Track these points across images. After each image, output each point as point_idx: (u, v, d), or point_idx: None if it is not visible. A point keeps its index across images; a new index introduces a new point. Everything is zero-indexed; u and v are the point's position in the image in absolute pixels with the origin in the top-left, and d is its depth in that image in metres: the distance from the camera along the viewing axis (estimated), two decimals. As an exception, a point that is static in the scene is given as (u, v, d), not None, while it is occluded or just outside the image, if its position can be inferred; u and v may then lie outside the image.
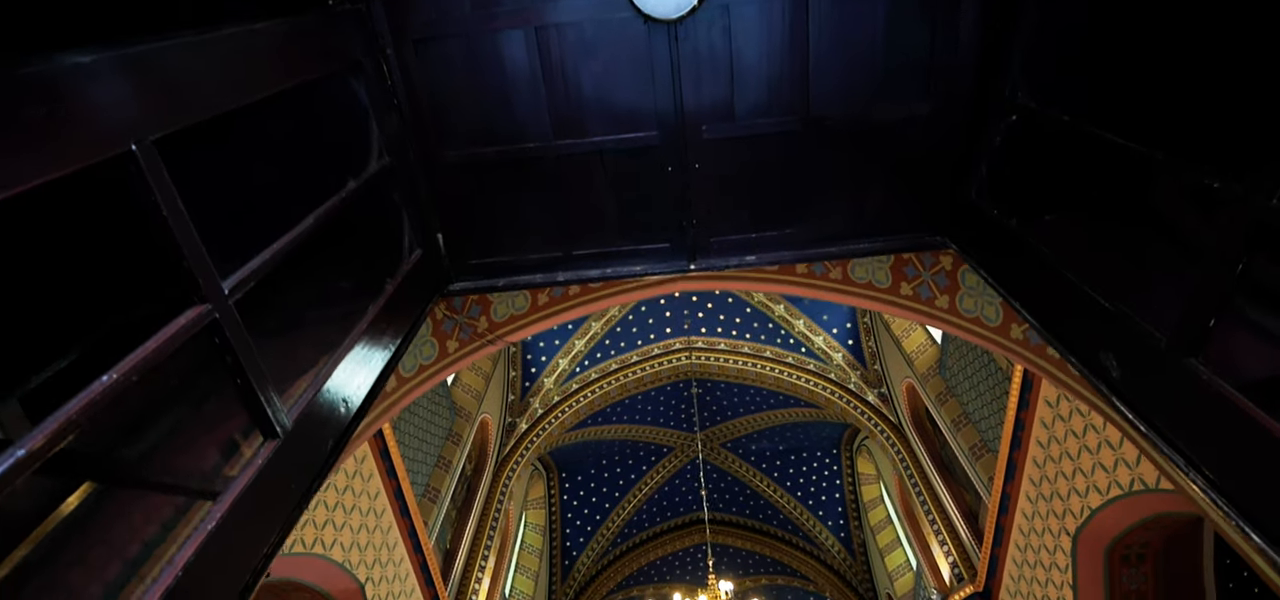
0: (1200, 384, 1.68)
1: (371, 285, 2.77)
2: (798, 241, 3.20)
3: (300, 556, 6.42)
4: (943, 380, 9.86)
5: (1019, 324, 4.40)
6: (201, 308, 1.65)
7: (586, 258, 3.23)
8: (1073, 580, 7.18)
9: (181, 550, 1.53)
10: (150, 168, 1.51)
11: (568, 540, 15.45)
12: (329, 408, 2.18)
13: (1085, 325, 2.16)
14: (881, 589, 14.27)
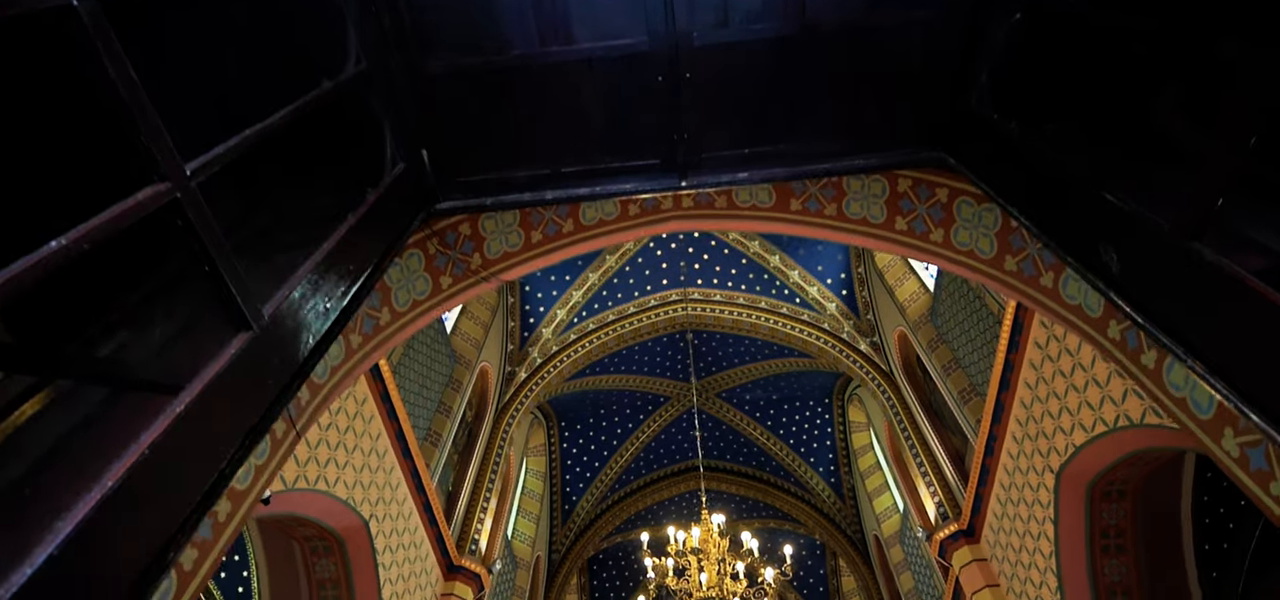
0: (1204, 267, 1.58)
1: (354, 199, 2.65)
2: (791, 158, 3.06)
3: (304, 492, 6.40)
4: (934, 328, 9.80)
5: (1013, 256, 4.29)
6: (161, 186, 1.53)
7: (575, 175, 3.09)
8: (1054, 515, 7.20)
9: (132, 448, 1.43)
10: (96, 28, 1.38)
11: (568, 486, 15.57)
12: (307, 309, 2.08)
13: (1084, 224, 2.05)
14: (869, 531, 14.43)
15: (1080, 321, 3.95)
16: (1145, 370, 3.59)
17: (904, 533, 12.79)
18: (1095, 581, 7.13)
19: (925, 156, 3.03)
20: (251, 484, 3.59)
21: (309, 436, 6.43)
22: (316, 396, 4.16)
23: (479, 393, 11.40)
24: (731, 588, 6.24)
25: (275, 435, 3.79)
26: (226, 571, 8.63)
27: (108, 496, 1.33)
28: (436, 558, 9.31)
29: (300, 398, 4.02)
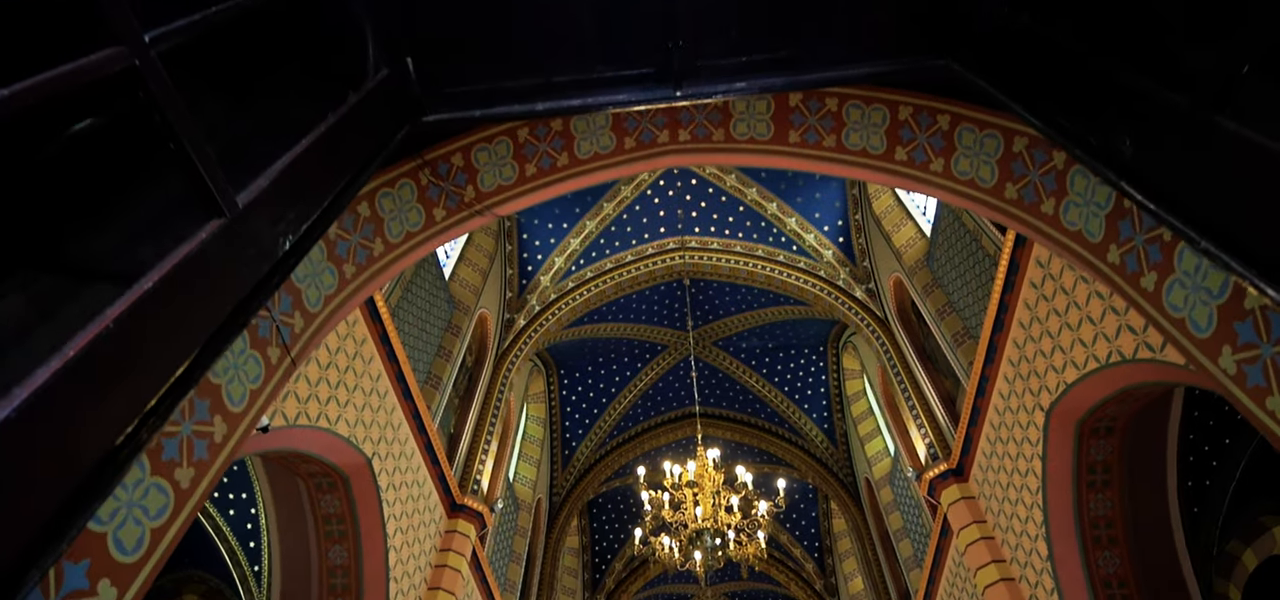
0: (1224, 139, 1.47)
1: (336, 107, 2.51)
2: (790, 66, 2.90)
3: (306, 428, 6.37)
4: (929, 272, 9.70)
5: (1014, 183, 4.16)
6: (116, 49, 1.40)
7: (567, 86, 2.93)
8: (1043, 453, 7.22)
9: (94, 323, 1.33)
10: None
11: (567, 432, 15.67)
12: (285, 204, 1.97)
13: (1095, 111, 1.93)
14: (860, 474, 14.58)
15: (1080, 247, 3.84)
16: (1144, 293, 3.50)
17: (894, 475, 12.92)
18: (1080, 516, 7.18)
19: (930, 64, 2.88)
20: (247, 407, 3.52)
21: (309, 374, 6.38)
22: (311, 325, 4.07)
23: (478, 339, 11.36)
24: (726, 520, 6.27)
25: (270, 361, 3.72)
26: (235, 509, 8.70)
27: (68, 367, 1.24)
28: (439, 496, 9.38)
29: (295, 326, 3.94)
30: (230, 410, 3.42)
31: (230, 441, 3.41)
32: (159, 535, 2.95)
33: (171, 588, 9.96)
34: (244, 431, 3.52)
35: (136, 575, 2.84)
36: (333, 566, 7.89)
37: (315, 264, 4.04)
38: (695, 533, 6.12)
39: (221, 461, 3.36)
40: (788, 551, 18.59)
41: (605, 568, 18.88)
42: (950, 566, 9.99)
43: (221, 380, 3.34)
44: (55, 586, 2.49)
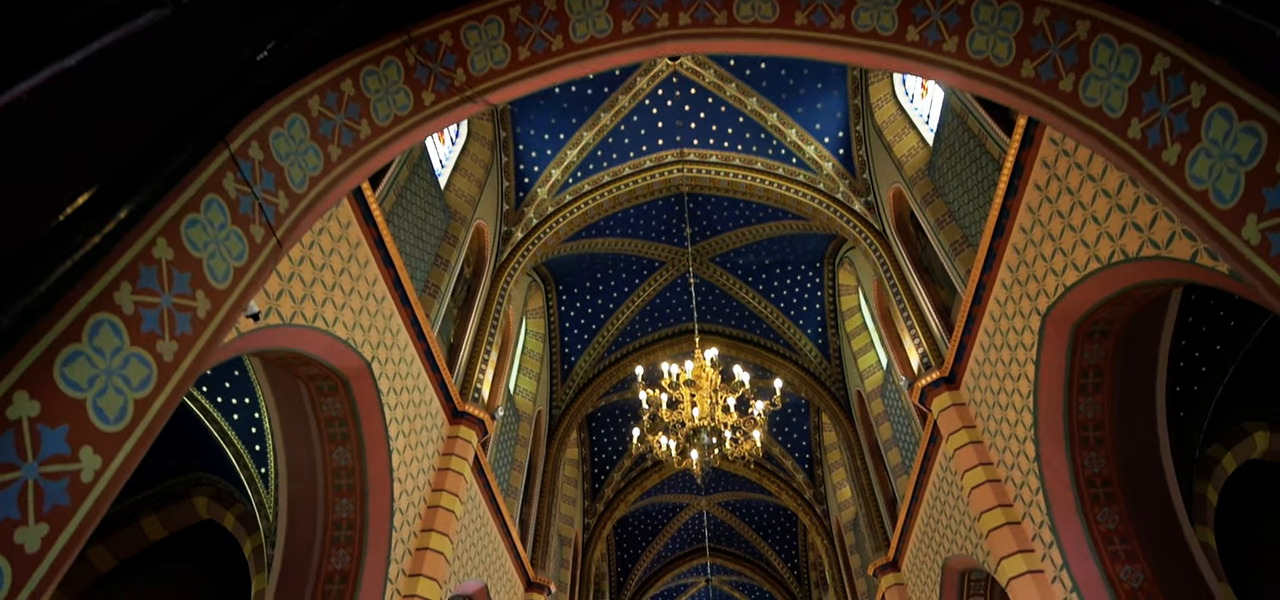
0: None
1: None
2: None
3: (302, 328, 6.25)
4: (930, 182, 9.43)
5: (1032, 59, 3.88)
6: None
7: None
8: (1036, 357, 7.15)
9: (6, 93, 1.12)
10: None
11: (566, 346, 15.68)
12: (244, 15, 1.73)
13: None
14: (852, 388, 14.69)
15: (1099, 124, 3.60)
16: (1166, 168, 3.29)
17: (885, 387, 12.99)
18: (1070, 418, 7.18)
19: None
20: (231, 285, 3.34)
21: (303, 274, 6.20)
22: (297, 207, 3.86)
23: (475, 250, 11.15)
24: (723, 419, 6.25)
25: (254, 240, 3.52)
26: (239, 414, 8.68)
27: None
28: (441, 403, 9.38)
29: (279, 206, 3.72)
30: (213, 287, 3.24)
31: (215, 319, 3.25)
32: (143, 406, 2.83)
33: (181, 489, 10.10)
34: (230, 311, 3.35)
35: (121, 445, 2.72)
36: (337, 467, 7.93)
37: (298, 142, 3.79)
38: (693, 431, 6.10)
39: (207, 338, 3.21)
40: (779, 463, 18.98)
41: (604, 478, 19.30)
42: (937, 472, 10.14)
43: (201, 254, 3.15)
44: (32, 450, 2.37)
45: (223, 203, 3.29)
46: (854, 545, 16.67)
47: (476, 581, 10.64)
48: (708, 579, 24.64)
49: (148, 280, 2.84)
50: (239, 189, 3.39)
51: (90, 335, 2.59)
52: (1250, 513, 9.77)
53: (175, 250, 3.00)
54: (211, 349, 3.29)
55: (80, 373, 2.55)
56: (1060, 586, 7.26)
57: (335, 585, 7.85)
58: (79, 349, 2.55)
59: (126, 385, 2.75)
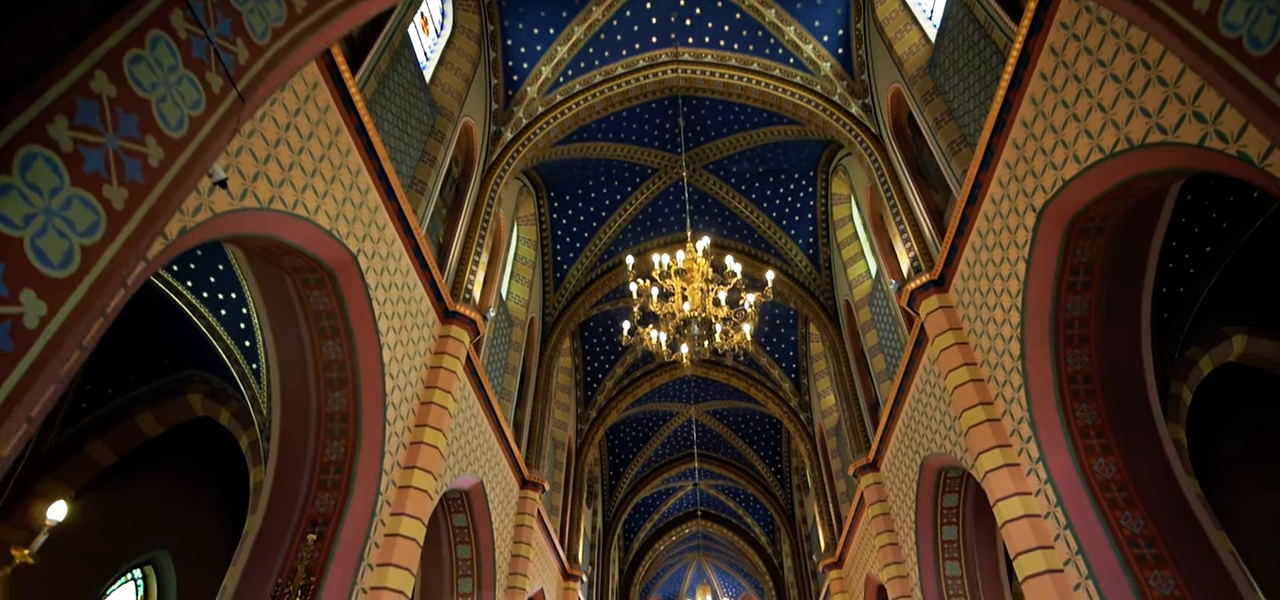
0: None
1: None
2: None
3: (282, 214, 5.95)
4: (931, 80, 9.01)
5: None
6: None
7: None
8: (1028, 255, 6.99)
9: None
10: None
11: (558, 254, 15.43)
12: None
13: None
14: (840, 297, 14.63)
15: None
16: (1196, 18, 2.99)
17: (873, 295, 12.92)
18: (1057, 316, 7.09)
19: None
20: (187, 135, 3.05)
21: (280, 157, 5.86)
22: (258, 60, 3.51)
23: (464, 150, 10.71)
24: (713, 311, 6.10)
25: (211, 89, 3.20)
26: (226, 310, 8.47)
27: None
28: (432, 302, 9.20)
29: (238, 56, 3.37)
30: (166, 134, 2.94)
31: (171, 170, 2.97)
32: (92, 255, 2.59)
33: (175, 386, 10.02)
34: (189, 163, 3.07)
35: (70, 293, 2.50)
36: (328, 362, 7.81)
37: (255, -14, 3.40)
38: (683, 322, 5.96)
39: (163, 191, 2.94)
40: (767, 372, 19.18)
41: (597, 386, 19.50)
42: (921, 375, 10.18)
43: (149, 95, 2.84)
44: (-34, 288, 2.16)
45: (171, 42, 2.95)
46: (836, 450, 17.06)
47: (472, 477, 10.78)
48: (695, 483, 25.43)
49: (87, 115, 2.55)
50: (190, 29, 3.04)
51: (21, 168, 2.33)
52: (1219, 412, 9.94)
53: (118, 87, 2.69)
54: (170, 204, 3.03)
55: (13, 208, 2.30)
56: (1034, 478, 7.37)
57: (331, 475, 7.88)
58: (10, 182, 2.29)
59: (70, 229, 2.51)
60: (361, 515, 7.66)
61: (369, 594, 7.53)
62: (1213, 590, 6.28)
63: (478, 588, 11.76)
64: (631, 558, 27.38)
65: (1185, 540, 6.56)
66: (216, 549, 12.28)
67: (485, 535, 11.66)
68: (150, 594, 12.81)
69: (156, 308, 9.48)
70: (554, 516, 16.54)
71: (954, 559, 10.92)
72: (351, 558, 7.40)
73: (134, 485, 11.68)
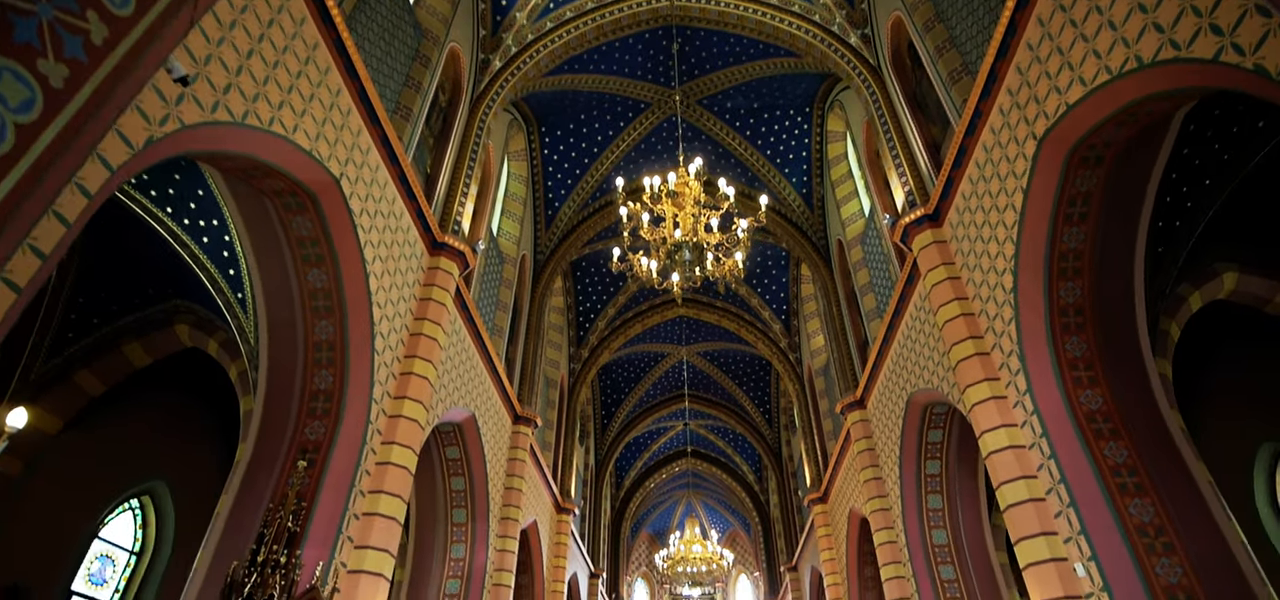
0: None
1: None
2: None
3: (258, 131, 5.65)
4: (932, 6, 8.62)
5: None
6: None
7: None
8: (1026, 185, 6.80)
9: None
10: None
11: (550, 191, 15.09)
12: None
13: None
14: (833, 236, 14.44)
15: None
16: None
17: (866, 234, 12.74)
18: (1052, 248, 6.95)
19: None
20: (134, 15, 2.77)
21: (254, 70, 5.52)
22: (213, -60, 3.18)
23: (451, 77, 10.27)
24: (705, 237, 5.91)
25: (159, -33, 2.89)
26: (208, 236, 8.19)
27: None
28: (419, 232, 8.95)
29: (189, -68, 3.05)
30: (110, 11, 2.67)
31: (116, 52, 2.70)
32: (29, 134, 2.35)
33: (162, 317, 9.82)
34: (136, 46, 2.80)
35: (5, 174, 2.27)
36: (314, 290, 7.61)
37: None
38: (674, 247, 5.77)
39: (108, 73, 2.67)
40: (757, 313, 19.13)
41: (589, 326, 19.42)
42: (911, 311, 10.10)
43: (86, -36, 2.55)
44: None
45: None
46: (824, 390, 17.16)
47: (464, 410, 10.74)
48: (686, 423, 25.71)
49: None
50: (130, -106, 2.73)
51: (-63, 28, 2.07)
52: (1204, 349, 9.96)
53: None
54: (119, 92, 2.77)
55: (-70, 72, 2.05)
56: (1021, 410, 7.36)
57: (320, 404, 7.77)
58: (-77, 42, 2.04)
59: (3, 105, 2.26)
60: (352, 443, 7.59)
61: (361, 519, 7.53)
62: (1190, 518, 6.34)
63: (472, 518, 11.88)
64: (623, 494, 27.91)
65: (1166, 470, 6.59)
66: (212, 479, 12.30)
67: (478, 468, 11.72)
68: (149, 523, 12.90)
69: (138, 236, 9.20)
70: (547, 452, 16.68)
71: (936, 492, 11.07)
72: (343, 484, 7.36)
73: (127, 417, 11.60)
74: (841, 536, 15.07)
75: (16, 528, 10.08)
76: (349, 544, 7.28)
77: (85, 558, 11.76)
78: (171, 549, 12.58)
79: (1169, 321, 8.38)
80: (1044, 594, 6.64)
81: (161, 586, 11.99)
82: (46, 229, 3.92)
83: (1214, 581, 5.98)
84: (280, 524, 6.93)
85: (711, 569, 16.48)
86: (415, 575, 11.37)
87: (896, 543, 11.61)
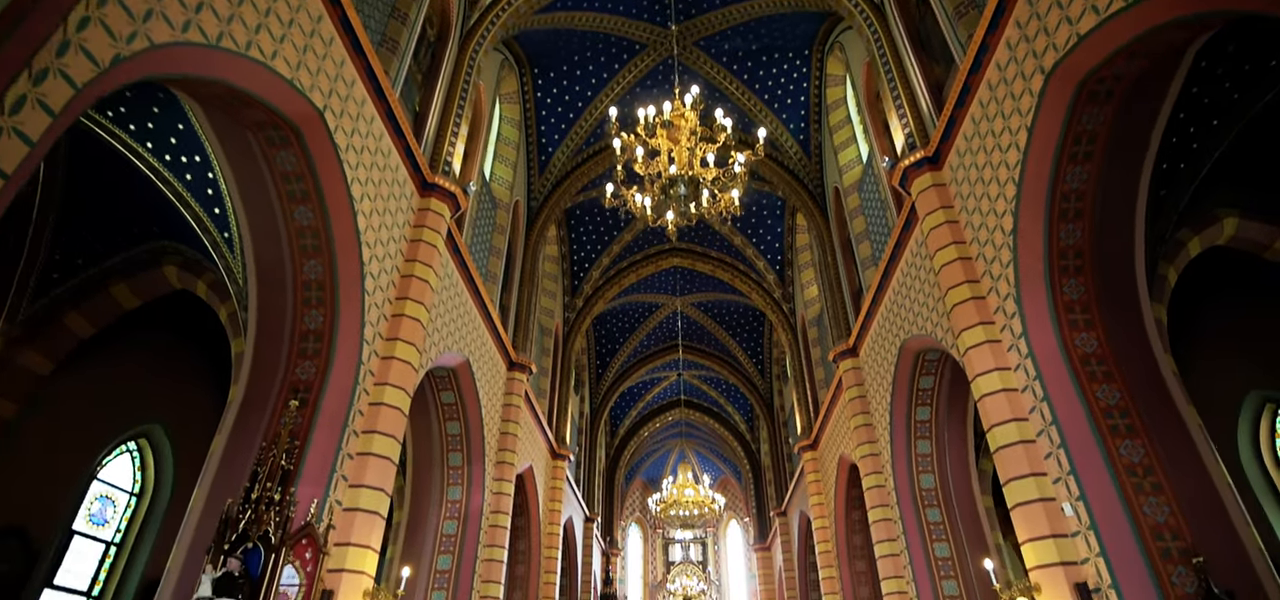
0: None
1: None
2: None
3: (234, 55, 5.34)
4: (939, -64, 8.20)
5: None
6: None
7: None
8: (1031, 122, 6.56)
9: None
10: None
11: (543, 136, 14.69)
12: None
13: None
14: (830, 184, 14.18)
15: None
16: None
17: (863, 181, 12.49)
18: (1054, 186, 6.76)
19: None
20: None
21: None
22: None
23: (439, 11, 9.82)
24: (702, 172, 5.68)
25: None
26: (191, 173, 7.90)
27: None
28: (408, 172, 8.67)
29: None
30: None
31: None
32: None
33: (148, 258, 9.58)
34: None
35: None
36: (301, 228, 7.38)
37: None
38: (669, 181, 5.54)
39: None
40: (752, 263, 18.97)
41: (583, 275, 19.24)
42: (907, 257, 9.95)
43: None
44: None
45: None
46: (816, 339, 17.14)
47: (458, 355, 10.63)
48: (680, 373, 25.80)
49: None
50: None
51: None
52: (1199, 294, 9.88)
53: None
54: None
55: None
56: (1015, 353, 7.28)
57: (311, 344, 7.63)
58: None
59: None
60: (344, 384, 7.48)
61: (356, 459, 7.47)
62: (1179, 459, 6.33)
63: (468, 462, 11.90)
64: (617, 443, 28.19)
65: (1157, 413, 6.56)
66: (209, 422, 12.22)
67: (474, 412, 11.68)
68: (147, 466, 12.89)
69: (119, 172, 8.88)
70: (542, 400, 16.69)
71: (925, 438, 11.12)
72: (336, 424, 7.27)
73: (121, 360, 11.45)
74: (831, 482, 15.25)
75: (14, 470, 10.02)
76: (344, 483, 7.24)
77: (85, 499, 11.78)
78: (171, 490, 12.61)
79: (1167, 266, 8.26)
80: (1031, 532, 6.67)
81: (163, 527, 12.04)
82: (7, 147, 3.67)
83: (1200, 521, 6.00)
84: (274, 462, 6.86)
85: (703, 512, 16.72)
86: (413, 516, 11.44)
87: (885, 487, 11.72)
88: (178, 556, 6.81)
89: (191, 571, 6.49)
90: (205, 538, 6.67)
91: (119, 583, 12.08)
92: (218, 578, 6.13)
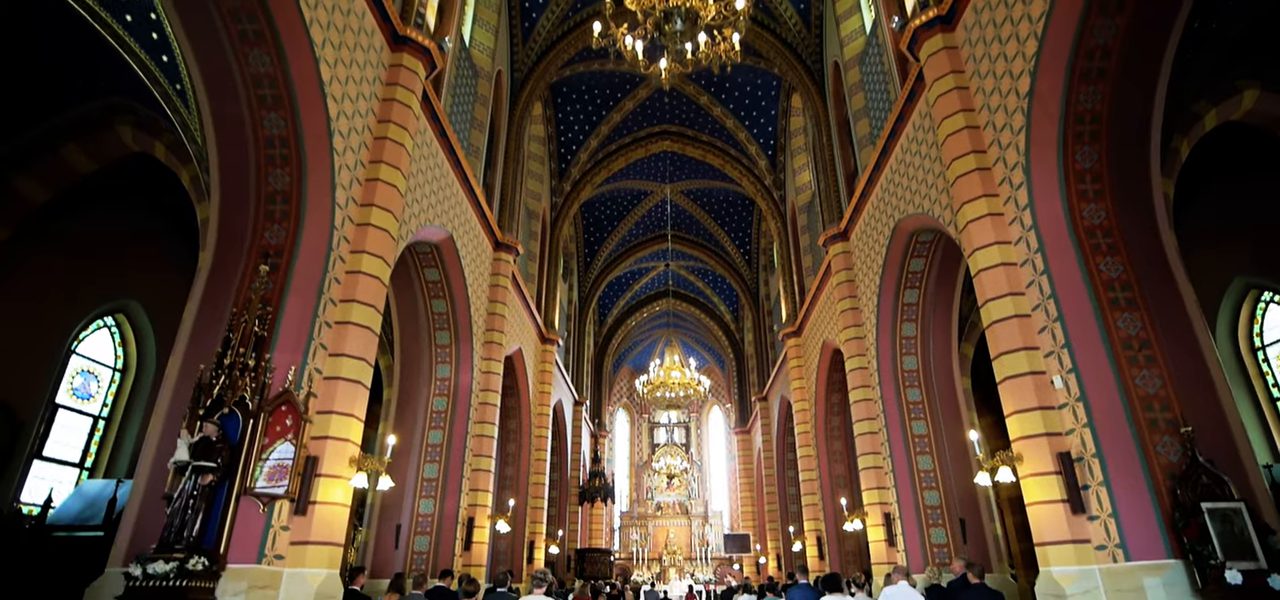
0: None
1: None
2: None
3: None
4: None
5: None
6: None
7: None
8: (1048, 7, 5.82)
9: None
10: None
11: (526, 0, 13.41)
12: None
13: None
14: (829, 58, 13.24)
15: None
16: None
17: (866, 54, 11.62)
18: (1079, 43, 6.11)
19: None
20: None
21: None
22: None
23: None
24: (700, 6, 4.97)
25: None
26: (131, 14, 6.94)
27: None
28: (376, 20, 7.76)
29: None
30: None
31: None
32: None
33: (99, 116, 8.71)
34: None
35: None
36: (257, 75, 6.58)
37: None
38: (664, 14, 4.84)
39: None
40: (743, 148, 18.18)
41: (571, 158, 18.37)
42: (909, 131, 9.35)
43: None
44: None
45: None
46: (805, 226, 16.71)
47: (440, 230, 10.07)
48: (668, 264, 25.44)
49: None
50: None
51: None
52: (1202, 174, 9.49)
53: None
54: None
55: None
56: (1018, 226, 6.89)
57: (278, 206, 7.03)
58: None
59: None
60: (317, 249, 6.95)
61: (334, 328, 7.07)
62: (1175, 333, 6.12)
63: (455, 340, 11.63)
64: (606, 331, 28.24)
65: (1157, 288, 6.28)
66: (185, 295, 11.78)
67: (459, 290, 11.27)
68: (128, 340, 12.51)
69: (52, 17, 7.86)
70: (530, 284, 16.31)
71: (911, 321, 10.95)
72: (310, 289, 6.81)
73: (88, 231, 10.79)
74: (813, 367, 15.31)
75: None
76: (323, 351, 6.87)
77: (65, 374, 11.45)
78: (155, 366, 12.31)
79: (1181, 139, 7.77)
80: (1017, 405, 6.54)
81: (150, 402, 11.82)
82: None
83: (1190, 393, 5.87)
84: (247, 328, 6.45)
85: (688, 394, 16.88)
86: (402, 393, 11.27)
87: (867, 369, 11.69)
88: (155, 425, 6.52)
89: (170, 439, 6.21)
90: (181, 405, 6.35)
91: (112, 456, 12.00)
92: (195, 443, 5.88)
